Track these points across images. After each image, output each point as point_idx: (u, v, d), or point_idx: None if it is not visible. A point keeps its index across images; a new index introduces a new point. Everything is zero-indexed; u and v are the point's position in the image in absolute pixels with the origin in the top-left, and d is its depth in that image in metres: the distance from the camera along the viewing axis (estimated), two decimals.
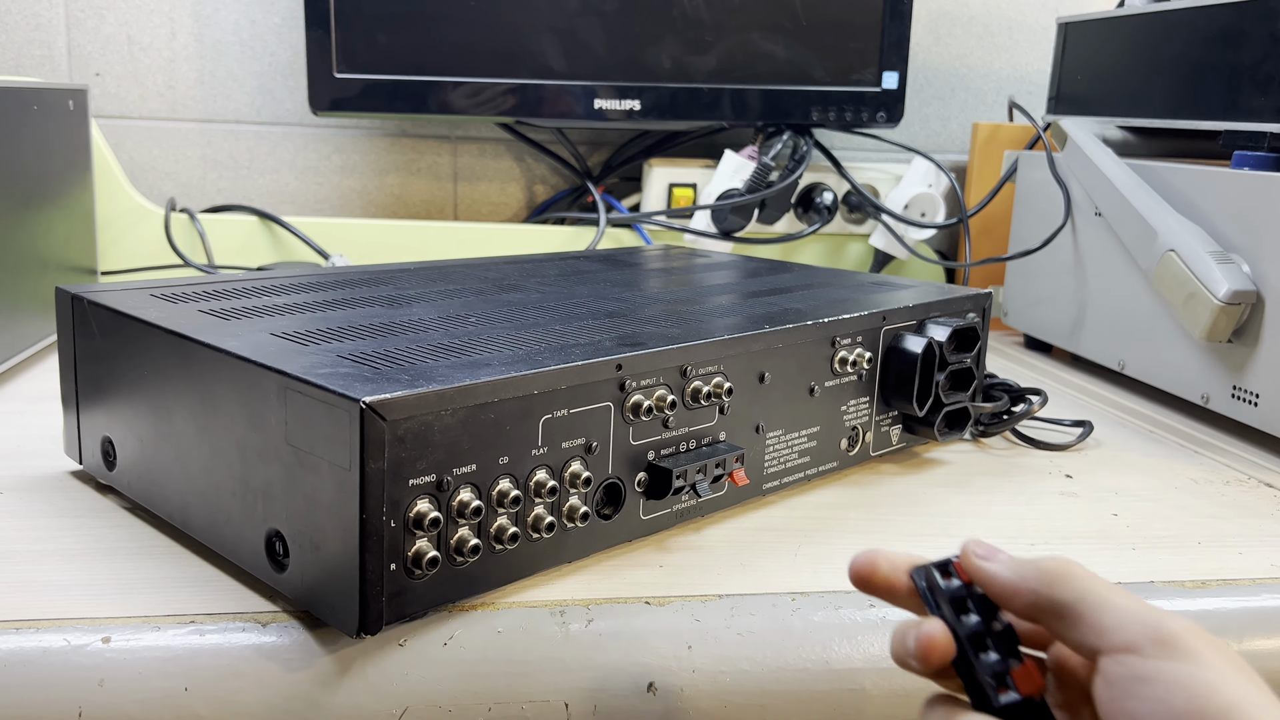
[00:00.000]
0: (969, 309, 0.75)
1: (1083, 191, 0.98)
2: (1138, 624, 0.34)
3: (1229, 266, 0.79)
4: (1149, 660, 0.33)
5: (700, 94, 1.10)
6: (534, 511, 0.50)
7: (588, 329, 0.58)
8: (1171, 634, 0.33)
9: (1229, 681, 0.32)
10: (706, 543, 0.58)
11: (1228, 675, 0.32)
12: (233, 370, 0.49)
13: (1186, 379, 0.85)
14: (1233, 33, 0.84)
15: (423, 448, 0.45)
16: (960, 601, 0.38)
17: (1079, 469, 0.74)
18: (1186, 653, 0.33)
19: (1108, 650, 0.34)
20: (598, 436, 0.52)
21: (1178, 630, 0.34)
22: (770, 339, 0.60)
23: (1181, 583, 0.56)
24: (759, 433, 0.62)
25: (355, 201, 1.20)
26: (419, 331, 0.56)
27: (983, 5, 1.27)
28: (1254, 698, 0.32)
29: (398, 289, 0.68)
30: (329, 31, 1.02)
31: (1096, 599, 0.35)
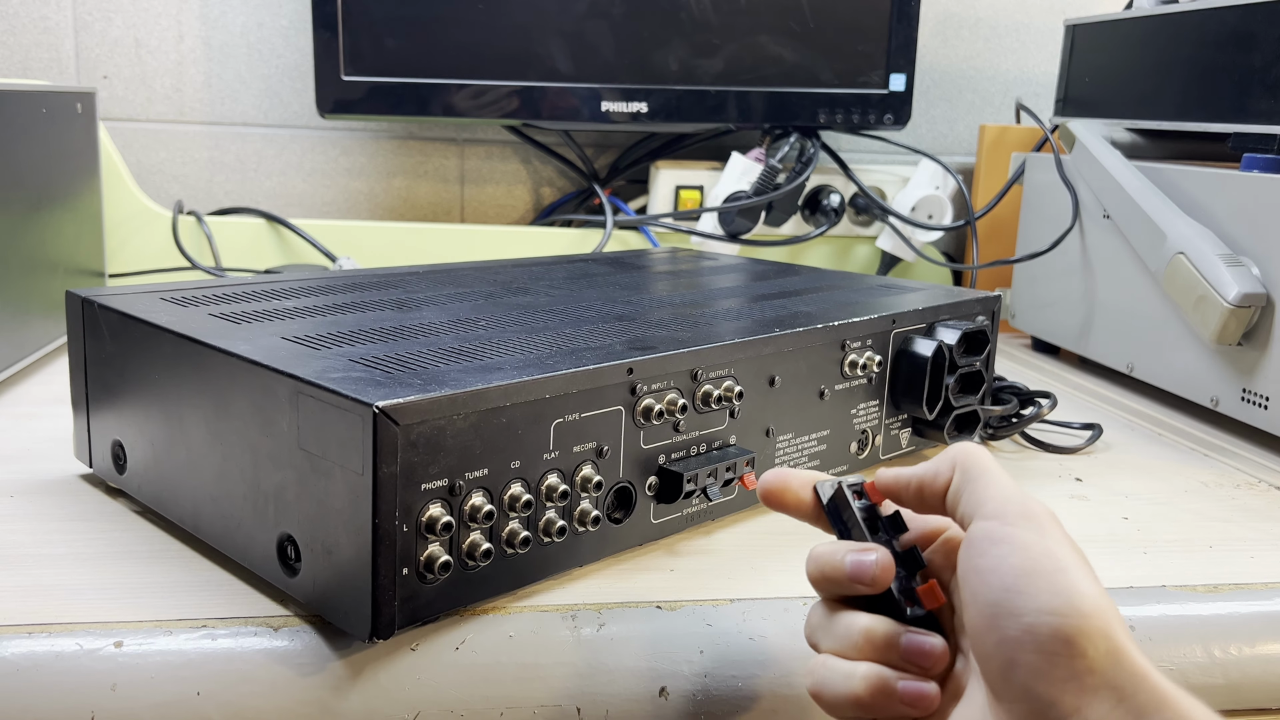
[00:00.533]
0: (978, 312, 0.75)
1: (1091, 194, 0.98)
2: (1008, 500, 0.39)
3: (1239, 269, 0.79)
4: (1006, 526, 0.38)
5: (707, 96, 1.10)
6: (545, 515, 0.50)
7: (598, 333, 0.58)
8: (1031, 511, 0.38)
9: (1065, 550, 0.37)
10: (717, 546, 0.58)
11: (1066, 546, 0.37)
12: (244, 374, 0.49)
13: (1196, 382, 0.85)
14: (1242, 35, 0.83)
15: (435, 452, 0.45)
16: (871, 521, 0.43)
17: (1089, 472, 0.73)
18: (1038, 525, 0.38)
19: (980, 518, 0.39)
20: (609, 440, 0.52)
21: (1038, 510, 0.39)
22: (780, 342, 0.60)
23: (1193, 587, 0.56)
24: (769, 436, 0.61)
25: (362, 204, 1.20)
26: (429, 335, 0.56)
27: (990, 7, 1.27)
28: (1082, 566, 0.37)
29: (407, 292, 0.68)
30: (336, 34, 1.02)
31: (990, 475, 0.41)
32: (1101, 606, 0.35)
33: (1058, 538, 0.38)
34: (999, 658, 0.36)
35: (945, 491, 0.42)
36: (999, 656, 0.36)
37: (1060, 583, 0.35)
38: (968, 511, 0.40)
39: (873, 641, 0.40)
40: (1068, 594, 0.35)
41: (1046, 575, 0.36)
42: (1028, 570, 0.36)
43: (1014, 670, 0.35)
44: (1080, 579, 0.36)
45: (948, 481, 0.42)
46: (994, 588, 0.36)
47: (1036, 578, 0.36)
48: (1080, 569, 0.37)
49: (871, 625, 0.41)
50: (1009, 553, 0.37)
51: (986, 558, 0.37)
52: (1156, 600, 0.55)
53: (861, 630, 0.41)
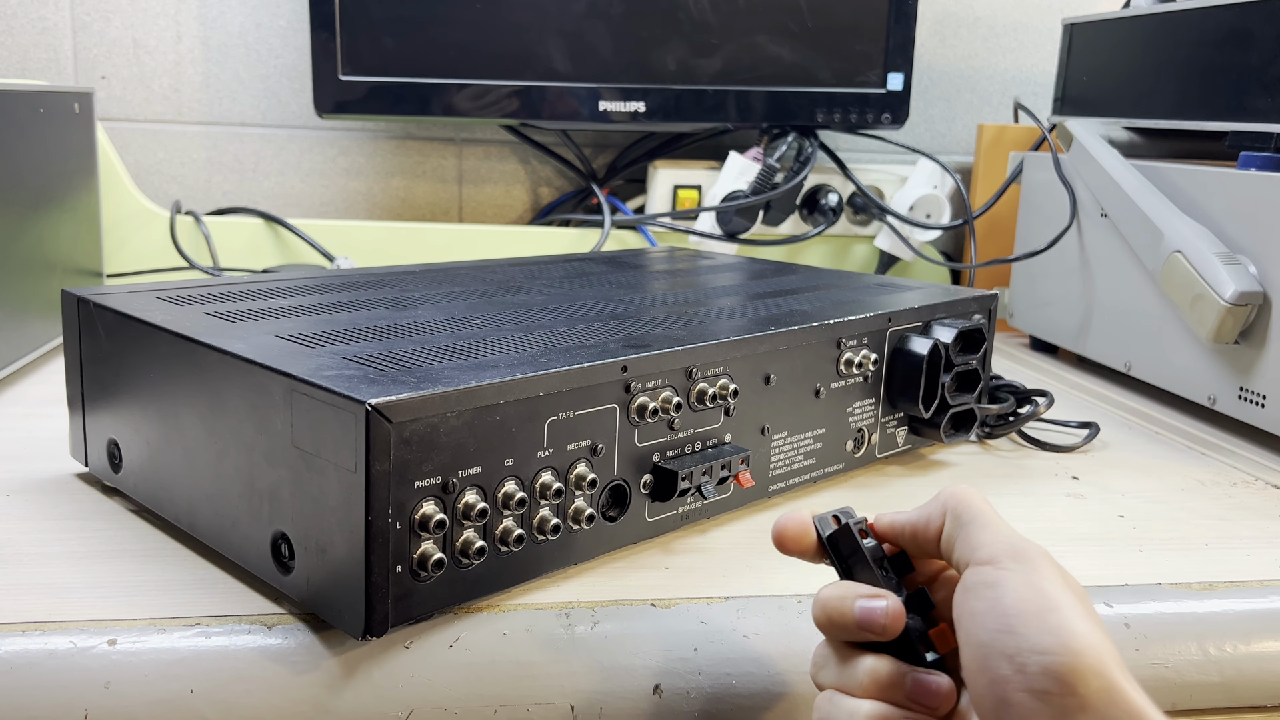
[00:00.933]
0: (975, 310, 0.75)
1: (1088, 193, 0.98)
2: (1001, 543, 0.39)
3: (1235, 267, 0.79)
4: (999, 570, 0.38)
5: (705, 96, 1.10)
6: (539, 513, 0.50)
7: (593, 331, 0.58)
8: (1023, 552, 0.38)
9: (1057, 589, 0.36)
10: (712, 545, 0.58)
11: (1058, 585, 0.37)
12: (239, 373, 0.49)
13: (1193, 380, 0.85)
14: (1239, 33, 0.83)
15: (428, 450, 0.45)
16: (879, 561, 0.43)
17: (1085, 471, 0.73)
18: (1031, 566, 0.37)
19: (974, 563, 0.39)
20: (603, 438, 0.52)
21: (1030, 551, 0.38)
22: (776, 341, 0.60)
23: (1189, 585, 0.56)
24: (764, 434, 0.61)
25: (360, 204, 1.20)
26: (424, 334, 0.56)
27: (988, 6, 1.27)
28: (1077, 604, 0.36)
29: (403, 291, 0.68)
30: (334, 34, 1.03)
31: (982, 519, 0.40)
32: (1094, 643, 0.35)
33: (1050, 576, 0.37)
34: (991, 698, 0.35)
35: (939, 537, 0.42)
36: (991, 697, 0.35)
37: (1052, 621, 0.35)
38: (962, 557, 0.40)
39: (879, 681, 0.40)
40: (1059, 632, 0.35)
41: (1038, 615, 0.36)
42: (1019, 611, 0.36)
43: (1007, 710, 0.35)
44: (1073, 617, 0.35)
45: (940, 527, 0.42)
46: (986, 629, 0.36)
47: (1028, 618, 0.35)
48: (1074, 607, 0.36)
49: (877, 665, 0.40)
50: (1001, 595, 0.37)
51: (980, 600, 0.37)
52: (1152, 598, 0.55)
53: (868, 671, 0.40)
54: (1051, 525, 0.63)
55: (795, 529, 0.45)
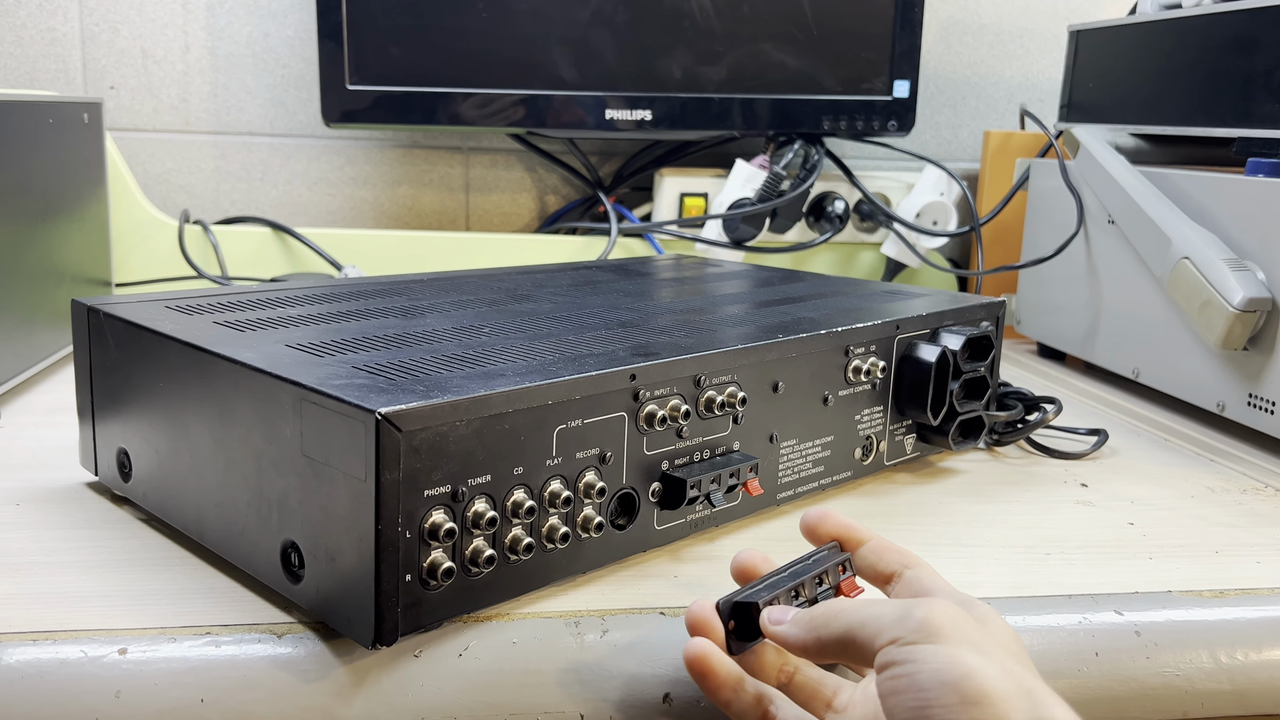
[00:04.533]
0: (982, 317, 0.75)
1: (1095, 199, 0.98)
2: (896, 619, 0.38)
3: (1244, 274, 0.79)
4: (905, 647, 0.37)
5: (711, 104, 1.10)
6: (548, 522, 0.50)
7: (601, 339, 0.58)
8: (924, 621, 0.38)
9: (966, 656, 0.36)
10: (721, 553, 0.58)
11: (965, 651, 0.36)
12: (248, 382, 0.49)
13: (1202, 387, 0.85)
14: (1246, 40, 0.83)
15: (438, 458, 0.45)
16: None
17: (1094, 478, 0.73)
18: (936, 634, 0.37)
19: (880, 649, 0.38)
20: (612, 446, 0.52)
21: (930, 618, 0.38)
22: (784, 348, 0.60)
23: (1199, 592, 0.56)
24: (773, 442, 0.61)
25: (368, 212, 1.20)
26: (433, 342, 0.56)
27: (994, 13, 1.27)
28: (986, 668, 0.36)
29: (411, 300, 0.69)
30: (341, 44, 1.03)
31: (859, 618, 0.40)
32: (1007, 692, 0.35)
33: (957, 642, 0.37)
34: None
35: (820, 654, 0.42)
36: None
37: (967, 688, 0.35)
38: (868, 658, 0.39)
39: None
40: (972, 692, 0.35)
41: (952, 685, 0.36)
42: (936, 685, 0.36)
43: None
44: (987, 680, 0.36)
45: (816, 646, 0.42)
46: (905, 709, 0.36)
47: (944, 690, 0.36)
48: (985, 670, 0.36)
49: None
50: (914, 670, 0.36)
51: (896, 680, 0.37)
52: (1162, 605, 0.54)
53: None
54: (1060, 532, 0.63)
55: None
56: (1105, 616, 0.53)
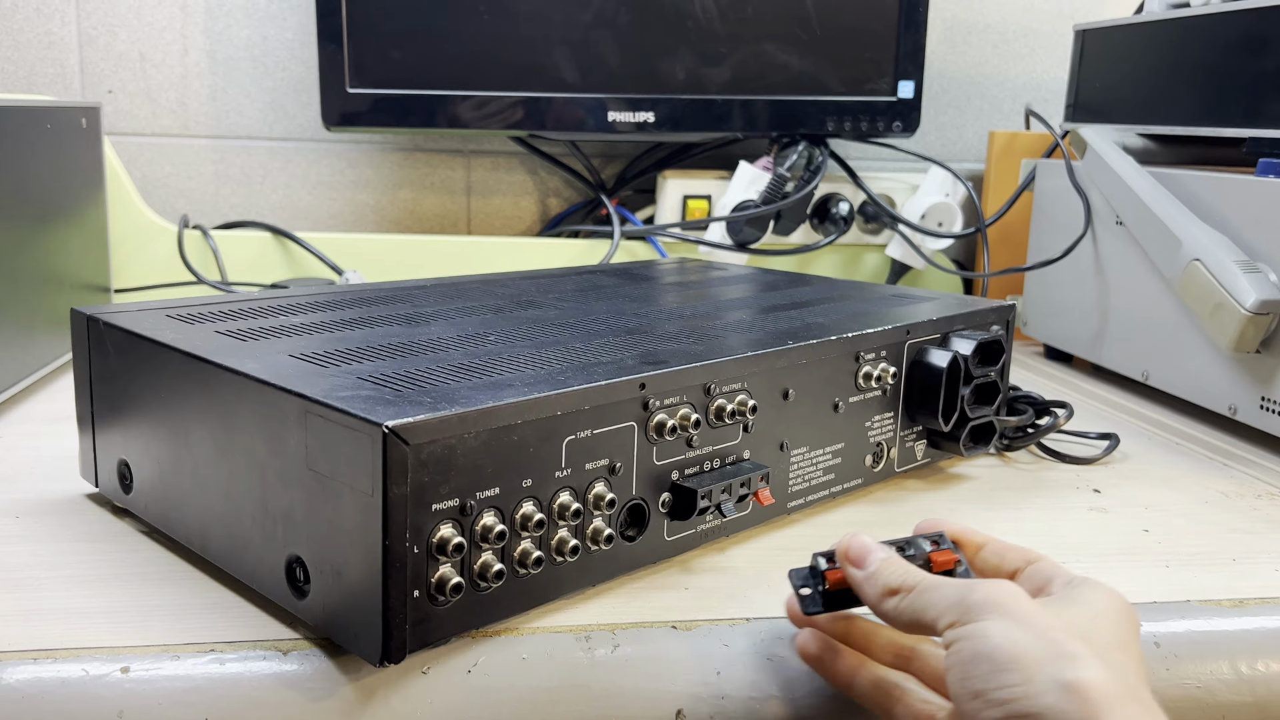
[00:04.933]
0: (992, 321, 0.74)
1: (1103, 200, 0.97)
2: (951, 603, 0.41)
3: (1256, 275, 0.78)
4: (958, 628, 0.40)
5: (714, 105, 1.10)
6: (558, 535, 0.49)
7: (609, 347, 0.57)
8: (971, 603, 0.40)
9: (997, 626, 0.39)
10: (732, 563, 0.57)
11: (1001, 625, 0.39)
12: (252, 393, 0.48)
13: (1213, 390, 0.84)
14: (1256, 38, 0.83)
15: (446, 472, 0.44)
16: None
17: (1107, 483, 0.72)
18: (980, 611, 0.39)
19: (943, 632, 0.41)
20: (621, 457, 0.51)
21: (977, 598, 0.40)
22: (794, 355, 0.60)
23: (1218, 602, 0.55)
24: (783, 450, 0.61)
25: (369, 216, 1.19)
26: (439, 351, 0.55)
27: (998, 13, 1.26)
28: (1013, 634, 0.38)
29: (415, 307, 0.68)
30: (341, 47, 1.02)
31: (922, 603, 0.42)
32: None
33: (996, 617, 0.39)
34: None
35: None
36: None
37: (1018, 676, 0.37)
38: (937, 637, 0.42)
39: None
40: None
41: (986, 655, 0.38)
42: (974, 659, 0.38)
43: None
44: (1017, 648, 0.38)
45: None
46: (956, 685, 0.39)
47: (979, 661, 0.38)
48: (1018, 639, 0.38)
49: None
50: (962, 648, 0.39)
51: (950, 660, 0.39)
52: (1181, 616, 0.54)
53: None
54: (1075, 540, 0.62)
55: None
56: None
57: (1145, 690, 0.38)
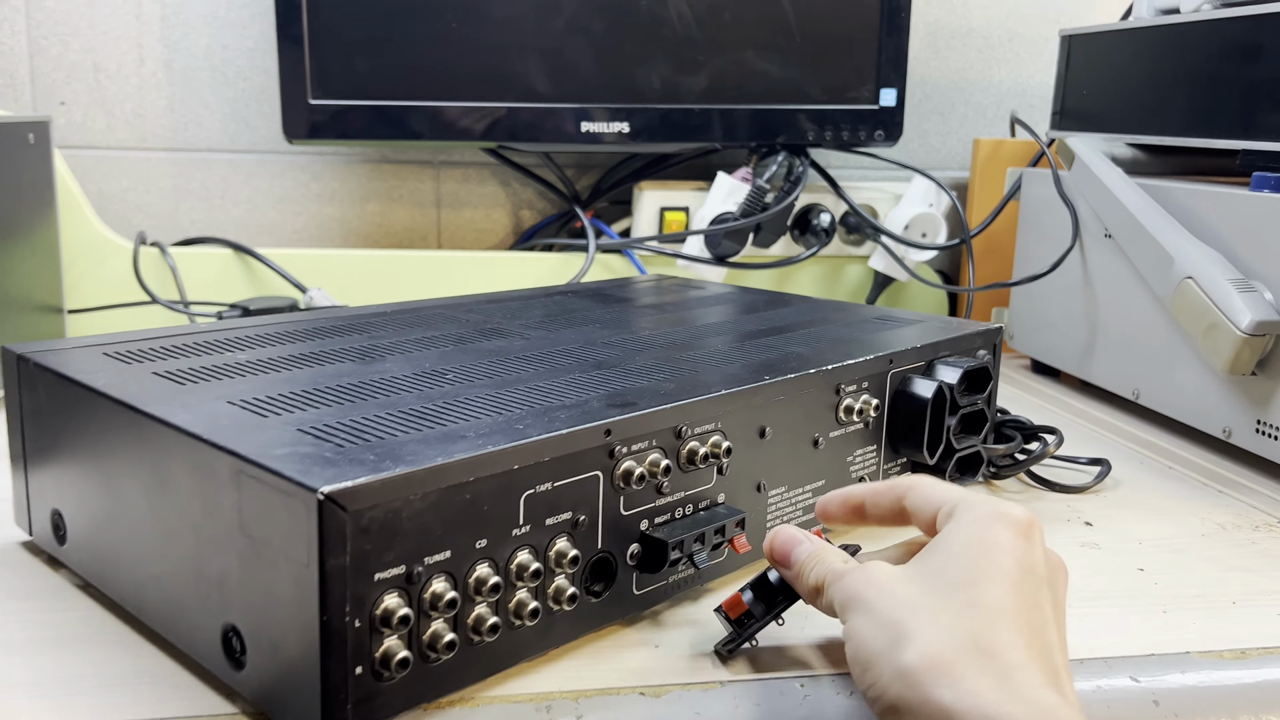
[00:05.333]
0: (979, 346, 0.71)
1: (1091, 212, 0.94)
2: (836, 603, 0.45)
3: (1251, 295, 0.75)
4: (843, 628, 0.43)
5: (691, 115, 1.06)
6: (516, 597, 0.45)
7: (575, 385, 0.54)
8: (840, 602, 0.44)
9: (858, 627, 0.42)
10: (707, 615, 0.53)
11: (858, 621, 0.42)
12: (184, 448, 0.45)
13: (1207, 411, 0.81)
14: (1248, 47, 0.80)
15: (390, 538, 0.40)
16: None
17: (1098, 514, 0.69)
18: (845, 610, 0.43)
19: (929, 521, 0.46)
20: (585, 510, 0.48)
21: (841, 598, 0.44)
22: (771, 391, 0.56)
23: (1220, 653, 0.52)
24: (760, 491, 0.57)
25: (335, 231, 1.15)
26: (391, 394, 0.52)
27: (982, 16, 1.23)
28: (869, 631, 0.41)
29: (371, 339, 0.64)
30: (303, 56, 0.98)
31: (830, 598, 0.45)
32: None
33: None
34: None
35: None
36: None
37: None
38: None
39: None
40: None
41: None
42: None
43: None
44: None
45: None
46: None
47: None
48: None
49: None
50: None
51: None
52: (1181, 669, 0.51)
53: None
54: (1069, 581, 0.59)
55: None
56: (1120, 682, 0.49)
57: (992, 627, 0.39)
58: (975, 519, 0.44)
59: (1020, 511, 0.44)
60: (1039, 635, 0.40)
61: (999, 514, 0.44)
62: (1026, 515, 0.44)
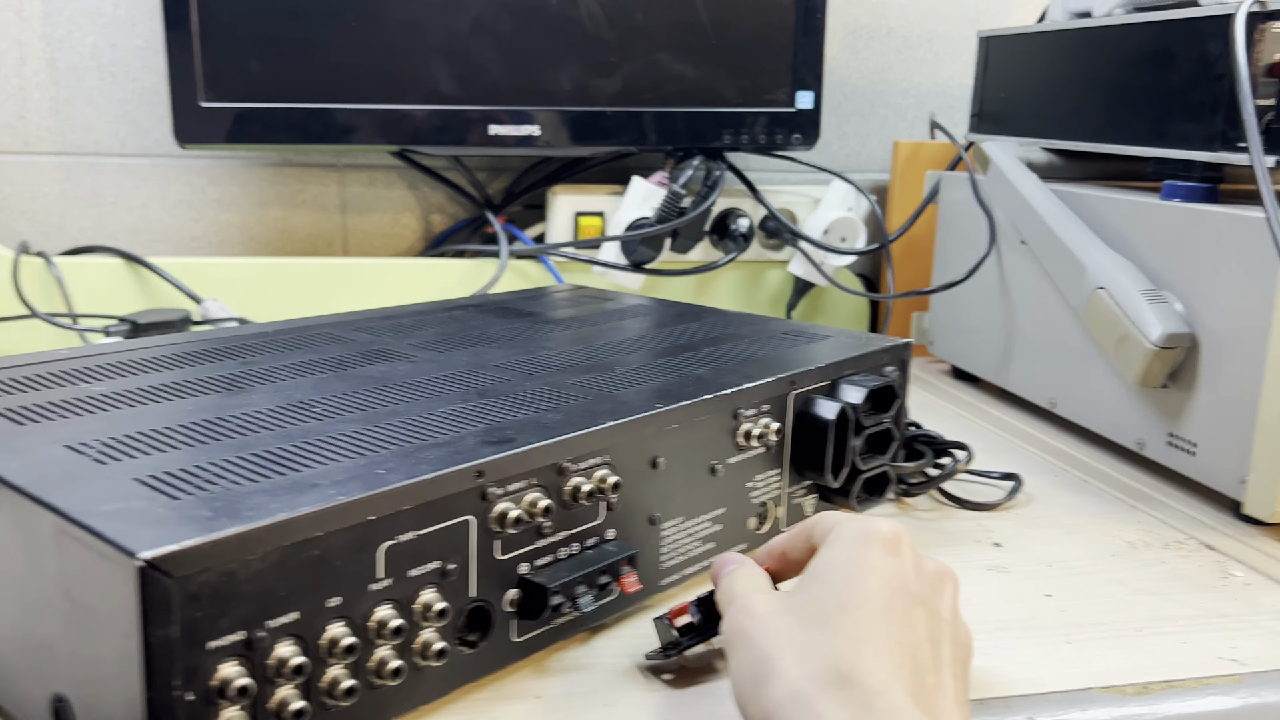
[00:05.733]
0: (886, 363, 0.69)
1: (1008, 218, 0.93)
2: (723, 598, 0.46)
3: (1161, 306, 0.74)
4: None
5: (604, 118, 1.03)
6: (377, 655, 0.42)
7: (452, 418, 0.51)
8: (723, 638, 0.43)
9: (735, 665, 0.41)
10: (595, 659, 0.51)
11: (735, 659, 0.41)
12: (7, 501, 0.41)
13: (1121, 423, 0.80)
14: (1161, 53, 0.78)
15: (225, 602, 0.37)
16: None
17: (1008, 534, 0.68)
18: (727, 645, 0.42)
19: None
20: (455, 558, 0.45)
21: (723, 632, 0.43)
22: (663, 420, 0.54)
23: (1121, 688, 0.50)
24: (654, 524, 0.55)
25: (235, 238, 1.11)
26: (248, 432, 0.48)
27: (901, 16, 1.22)
28: (742, 669, 0.41)
29: (245, 364, 0.60)
30: (193, 58, 0.93)
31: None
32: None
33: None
34: None
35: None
36: None
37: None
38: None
39: None
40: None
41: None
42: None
43: None
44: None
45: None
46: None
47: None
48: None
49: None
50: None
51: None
52: (1083, 707, 0.49)
53: None
54: (974, 609, 0.57)
55: None
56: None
57: (856, 654, 0.38)
58: (844, 541, 0.43)
59: (886, 527, 0.43)
60: (910, 656, 0.39)
61: (865, 533, 0.43)
62: (892, 530, 0.43)
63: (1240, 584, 0.61)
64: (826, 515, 0.47)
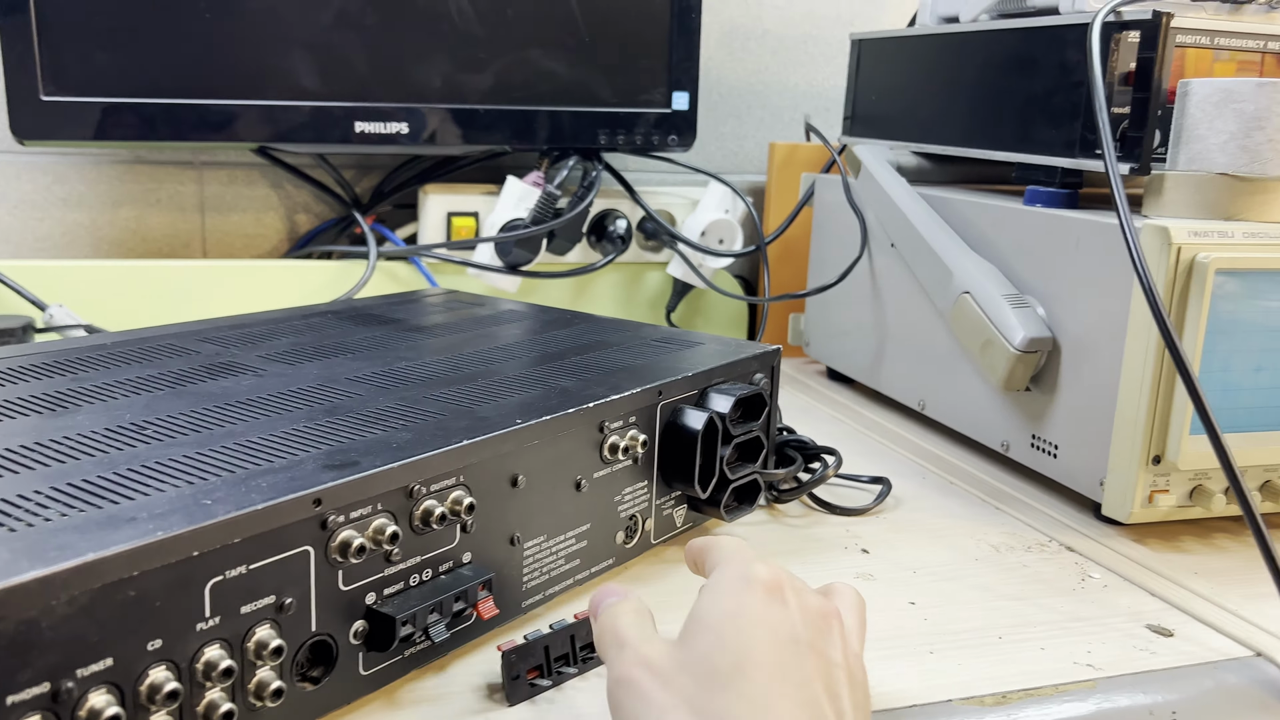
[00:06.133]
0: (755, 370, 0.68)
1: (878, 221, 0.94)
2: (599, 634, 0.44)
3: (1024, 311, 0.75)
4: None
5: (476, 115, 1.00)
6: (206, 699, 0.39)
7: (293, 439, 0.48)
8: (609, 686, 0.41)
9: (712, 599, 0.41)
10: (451, 686, 0.49)
11: (619, 715, 0.40)
12: None
13: (987, 424, 0.82)
14: (1024, 60, 0.80)
15: (25, 653, 0.34)
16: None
17: (876, 539, 0.68)
18: (611, 693, 0.41)
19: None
20: (293, 591, 0.42)
21: (608, 680, 0.41)
22: (523, 436, 0.52)
23: (981, 699, 0.50)
24: (514, 544, 0.53)
25: (84, 239, 1.05)
26: (67, 459, 0.44)
27: (777, 18, 1.22)
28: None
29: (75, 380, 0.56)
30: (31, 47, 0.87)
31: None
32: None
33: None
34: None
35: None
36: None
37: None
38: None
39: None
40: None
41: None
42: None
43: None
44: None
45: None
46: None
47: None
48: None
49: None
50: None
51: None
52: (946, 718, 0.49)
53: None
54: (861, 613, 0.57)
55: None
56: None
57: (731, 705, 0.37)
58: (726, 586, 0.42)
59: (766, 573, 0.42)
60: (812, 716, 0.37)
61: (745, 580, 0.41)
62: (772, 575, 0.42)
63: (1098, 586, 0.63)
64: (710, 544, 0.47)
